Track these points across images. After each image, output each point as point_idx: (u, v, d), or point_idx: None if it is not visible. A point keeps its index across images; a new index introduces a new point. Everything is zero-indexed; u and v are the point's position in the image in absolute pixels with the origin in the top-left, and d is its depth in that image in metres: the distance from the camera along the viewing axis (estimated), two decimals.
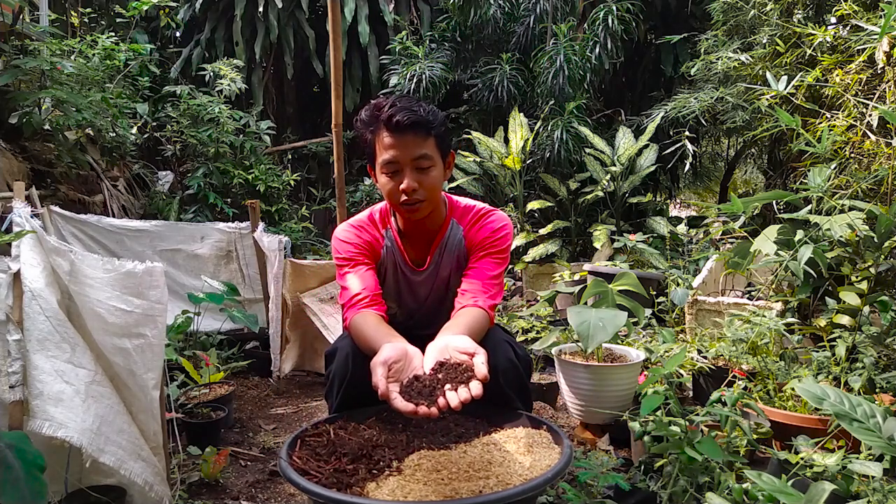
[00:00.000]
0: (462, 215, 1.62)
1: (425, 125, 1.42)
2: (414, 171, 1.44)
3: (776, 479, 1.19)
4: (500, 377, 1.37)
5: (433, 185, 1.47)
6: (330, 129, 2.49)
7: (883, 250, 2.06)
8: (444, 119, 1.50)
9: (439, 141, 1.48)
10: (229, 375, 2.80)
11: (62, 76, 3.61)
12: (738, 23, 3.90)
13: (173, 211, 4.29)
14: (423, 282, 1.64)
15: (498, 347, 1.41)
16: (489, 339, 1.42)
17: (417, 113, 1.41)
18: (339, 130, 2.34)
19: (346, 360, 1.42)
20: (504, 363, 1.39)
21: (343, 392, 1.42)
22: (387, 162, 1.44)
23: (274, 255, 2.90)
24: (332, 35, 2.29)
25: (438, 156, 1.48)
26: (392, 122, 1.41)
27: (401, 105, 1.42)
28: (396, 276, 1.64)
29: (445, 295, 1.63)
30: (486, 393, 1.32)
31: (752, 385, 2.02)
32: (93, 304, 1.49)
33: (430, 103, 1.50)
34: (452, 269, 1.61)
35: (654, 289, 3.29)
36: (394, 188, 1.45)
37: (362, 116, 1.50)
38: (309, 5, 6.54)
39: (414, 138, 1.42)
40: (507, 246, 1.59)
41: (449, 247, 1.59)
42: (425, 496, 1.00)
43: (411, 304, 1.66)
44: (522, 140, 4.65)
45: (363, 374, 1.22)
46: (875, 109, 2.48)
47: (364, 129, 1.50)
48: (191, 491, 1.82)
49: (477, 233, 1.59)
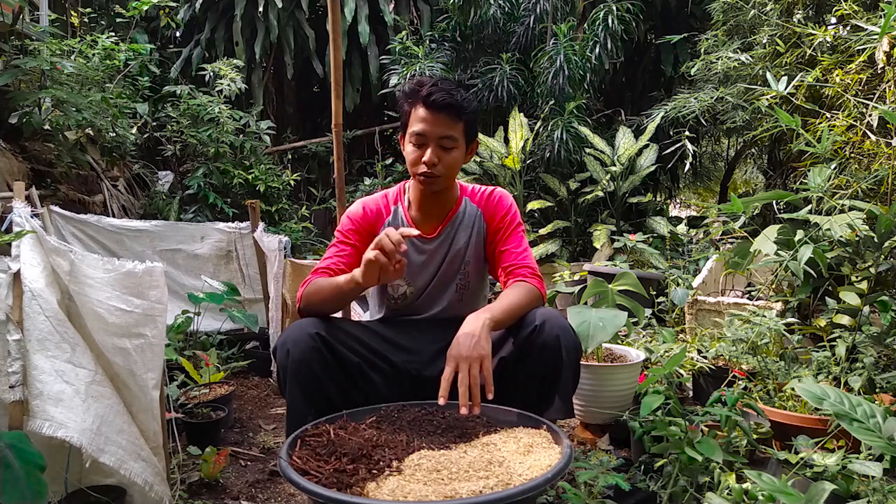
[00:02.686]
0: (471, 196, 1.74)
1: (458, 109, 1.55)
2: (438, 148, 1.56)
3: (776, 479, 1.19)
4: (562, 352, 1.42)
5: (452, 164, 1.59)
6: (330, 129, 2.49)
7: (883, 250, 2.06)
8: (476, 108, 1.63)
9: (467, 126, 1.59)
10: (229, 375, 2.80)
11: (62, 76, 3.61)
12: (738, 23, 3.90)
13: (173, 211, 4.29)
14: (434, 251, 1.69)
15: (563, 322, 1.47)
16: (553, 314, 1.48)
17: (454, 97, 1.54)
18: (339, 130, 2.33)
19: (287, 354, 1.41)
20: (568, 340, 1.45)
21: (289, 382, 1.42)
22: (416, 133, 1.56)
23: (274, 255, 2.90)
24: (332, 35, 2.29)
25: (463, 140, 1.60)
26: (430, 99, 1.53)
27: (441, 86, 1.54)
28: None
29: (459, 269, 1.69)
30: (547, 365, 1.42)
31: (752, 385, 2.02)
32: (93, 304, 1.49)
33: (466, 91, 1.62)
34: (470, 242, 1.69)
35: (654, 289, 3.29)
36: (417, 158, 1.57)
37: (405, 88, 1.61)
38: (309, 5, 6.54)
39: (446, 118, 1.54)
40: (519, 217, 1.72)
41: (465, 221, 1.70)
42: (425, 496, 1.00)
43: (422, 277, 1.69)
44: (522, 140, 4.64)
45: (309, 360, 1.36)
46: (875, 109, 2.48)
47: (404, 99, 1.61)
48: (191, 491, 1.82)
49: (494, 213, 1.70)
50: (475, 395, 1.26)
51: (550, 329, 1.42)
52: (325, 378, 1.41)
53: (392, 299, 1.72)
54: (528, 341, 1.45)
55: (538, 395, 1.44)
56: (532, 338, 1.44)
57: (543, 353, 1.42)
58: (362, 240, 1.66)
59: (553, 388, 1.44)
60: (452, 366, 1.30)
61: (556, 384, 1.44)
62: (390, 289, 1.71)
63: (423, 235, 1.67)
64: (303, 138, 7.02)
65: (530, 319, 1.47)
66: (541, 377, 1.44)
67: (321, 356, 1.40)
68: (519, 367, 1.47)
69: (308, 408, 1.38)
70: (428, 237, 1.68)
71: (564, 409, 1.45)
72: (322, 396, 1.41)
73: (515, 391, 1.45)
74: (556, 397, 1.44)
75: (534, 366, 1.45)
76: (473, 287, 1.73)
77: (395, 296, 1.71)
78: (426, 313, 1.71)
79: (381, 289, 1.74)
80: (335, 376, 1.43)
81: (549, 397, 1.44)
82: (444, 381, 1.29)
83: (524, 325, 1.47)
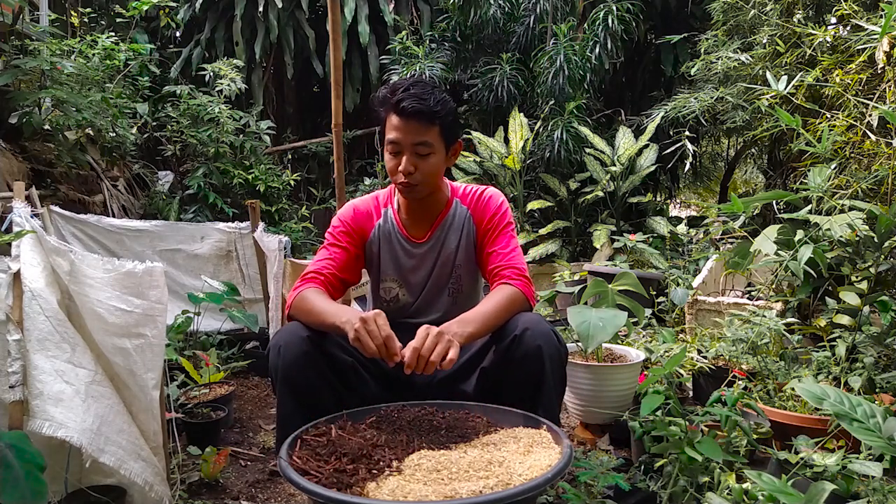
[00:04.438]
0: (462, 198, 1.70)
1: (429, 115, 1.49)
2: (413, 155, 1.51)
3: (776, 479, 1.19)
4: (545, 362, 1.38)
5: (430, 171, 1.54)
6: (330, 129, 2.49)
7: (883, 250, 2.06)
8: (452, 109, 1.56)
9: (444, 130, 1.54)
10: (229, 375, 2.80)
11: (62, 76, 3.61)
12: (738, 23, 3.90)
13: (173, 211, 4.29)
14: (424, 255, 1.67)
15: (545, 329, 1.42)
16: (535, 321, 1.43)
17: (425, 102, 1.48)
18: (339, 130, 2.33)
19: (279, 354, 1.40)
20: (551, 348, 1.40)
21: (280, 386, 1.41)
22: (390, 141, 1.53)
23: (274, 255, 2.90)
24: (332, 35, 2.29)
25: (441, 144, 1.54)
26: (399, 106, 1.48)
27: (412, 91, 1.49)
28: (393, 252, 1.67)
29: (451, 273, 1.67)
30: (529, 376, 1.39)
31: (752, 385, 2.02)
32: (93, 304, 1.49)
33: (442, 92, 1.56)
34: (460, 244, 1.65)
35: (654, 289, 3.29)
36: (394, 167, 1.54)
37: (379, 94, 1.57)
38: (309, 5, 6.53)
39: (417, 125, 1.49)
40: (510, 216, 1.67)
41: (455, 224, 1.66)
42: (425, 496, 1.00)
43: (414, 281, 1.68)
44: (522, 140, 4.64)
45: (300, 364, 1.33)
46: (875, 109, 2.48)
47: (378, 106, 1.58)
48: (191, 491, 1.82)
49: (482, 213, 1.66)
50: (431, 364, 1.23)
51: (531, 338, 1.37)
52: (317, 381, 1.39)
53: (385, 302, 1.71)
54: (508, 351, 1.40)
55: (523, 406, 1.38)
56: (512, 348, 1.39)
57: (524, 363, 1.38)
58: (353, 242, 1.65)
59: (536, 399, 1.40)
60: (423, 334, 1.27)
61: (539, 395, 1.40)
62: (383, 292, 1.70)
63: (413, 239, 1.66)
64: (303, 138, 7.02)
65: (511, 328, 1.42)
66: (524, 388, 1.41)
67: (312, 359, 1.38)
68: (501, 377, 1.44)
69: (298, 412, 1.35)
70: (418, 241, 1.66)
71: (549, 419, 1.42)
72: (313, 400, 1.39)
73: (499, 402, 1.40)
74: (540, 410, 1.38)
75: (516, 376, 1.41)
76: (467, 291, 1.71)
77: (387, 298, 1.70)
78: (422, 318, 1.69)
79: (375, 291, 1.74)
80: (327, 379, 1.41)
81: (532, 409, 1.38)
82: (411, 348, 1.25)
83: (504, 335, 1.42)
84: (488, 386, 1.47)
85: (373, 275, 1.73)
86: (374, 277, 1.73)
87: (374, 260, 1.69)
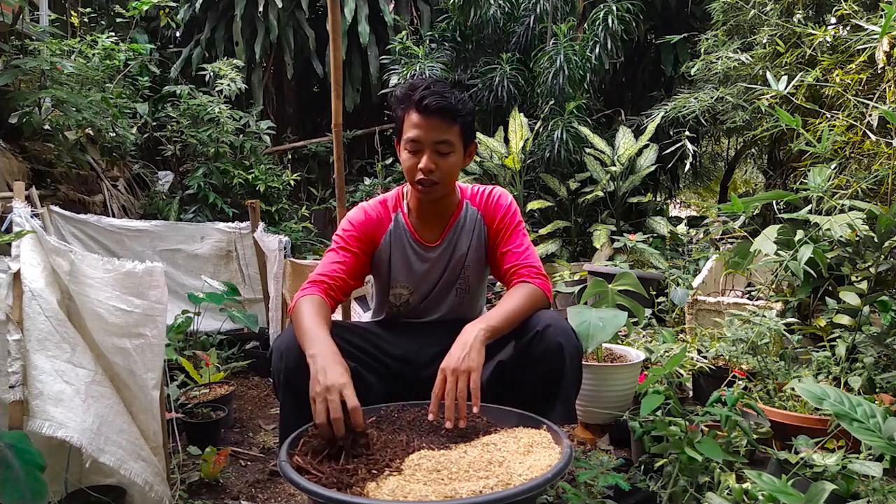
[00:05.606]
0: (471, 199, 1.70)
1: (452, 112, 1.49)
2: (433, 154, 1.50)
3: (776, 479, 1.19)
4: (565, 358, 1.40)
5: (450, 170, 1.54)
6: (330, 129, 2.49)
7: (883, 250, 2.05)
8: (472, 109, 1.57)
9: (463, 129, 1.54)
10: (229, 375, 2.80)
11: (62, 76, 3.61)
12: (738, 23, 3.90)
13: (173, 211, 4.29)
14: (437, 259, 1.66)
15: (566, 327, 1.46)
16: (556, 318, 1.45)
17: (448, 100, 1.48)
18: (339, 130, 2.33)
19: (281, 358, 1.41)
20: (571, 346, 1.43)
21: (282, 389, 1.42)
22: (410, 140, 1.51)
23: (274, 255, 2.90)
24: (332, 35, 2.29)
25: (460, 143, 1.55)
26: (422, 104, 1.47)
27: (434, 89, 1.48)
28: (405, 256, 1.66)
29: (461, 274, 1.67)
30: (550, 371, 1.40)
31: (752, 385, 2.01)
32: (93, 304, 1.49)
33: (461, 92, 1.56)
34: (471, 246, 1.66)
35: (654, 289, 3.29)
36: (413, 166, 1.52)
37: (397, 93, 1.56)
38: (309, 5, 6.54)
39: (439, 123, 1.48)
40: (519, 215, 1.68)
41: (467, 226, 1.66)
42: (425, 496, 1.00)
43: (425, 285, 1.67)
44: (522, 140, 4.64)
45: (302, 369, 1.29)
46: (875, 109, 2.48)
47: (397, 105, 1.56)
48: (191, 491, 1.82)
49: (493, 214, 1.66)
50: (461, 408, 1.25)
51: (553, 335, 1.41)
52: None
53: (395, 307, 1.71)
54: (529, 347, 1.43)
55: (540, 400, 1.43)
56: (534, 343, 1.42)
57: (545, 359, 1.41)
58: (363, 247, 1.63)
59: (555, 393, 1.43)
60: (442, 378, 1.29)
61: (558, 390, 1.43)
62: (392, 297, 1.70)
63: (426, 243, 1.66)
64: (303, 138, 7.02)
65: (533, 324, 1.45)
66: (542, 383, 1.43)
67: None
68: (520, 371, 1.46)
69: (300, 415, 1.35)
70: (430, 245, 1.66)
71: (566, 414, 1.44)
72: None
73: (517, 395, 1.44)
74: (558, 403, 1.42)
75: (535, 371, 1.43)
76: (473, 290, 1.72)
77: (397, 304, 1.70)
78: (427, 317, 1.70)
79: (384, 296, 1.72)
80: None
81: (550, 403, 1.43)
82: (433, 396, 1.29)
83: (526, 330, 1.45)
84: (506, 380, 1.47)
85: (381, 280, 1.71)
86: (383, 283, 1.71)
87: (383, 266, 1.68)
